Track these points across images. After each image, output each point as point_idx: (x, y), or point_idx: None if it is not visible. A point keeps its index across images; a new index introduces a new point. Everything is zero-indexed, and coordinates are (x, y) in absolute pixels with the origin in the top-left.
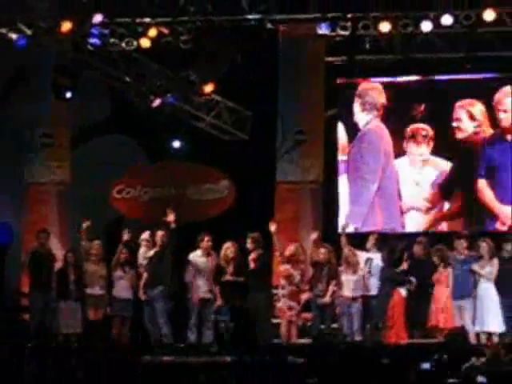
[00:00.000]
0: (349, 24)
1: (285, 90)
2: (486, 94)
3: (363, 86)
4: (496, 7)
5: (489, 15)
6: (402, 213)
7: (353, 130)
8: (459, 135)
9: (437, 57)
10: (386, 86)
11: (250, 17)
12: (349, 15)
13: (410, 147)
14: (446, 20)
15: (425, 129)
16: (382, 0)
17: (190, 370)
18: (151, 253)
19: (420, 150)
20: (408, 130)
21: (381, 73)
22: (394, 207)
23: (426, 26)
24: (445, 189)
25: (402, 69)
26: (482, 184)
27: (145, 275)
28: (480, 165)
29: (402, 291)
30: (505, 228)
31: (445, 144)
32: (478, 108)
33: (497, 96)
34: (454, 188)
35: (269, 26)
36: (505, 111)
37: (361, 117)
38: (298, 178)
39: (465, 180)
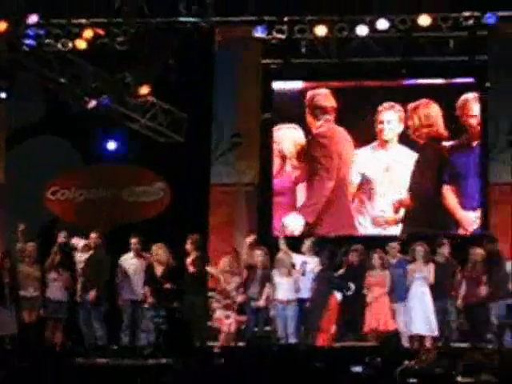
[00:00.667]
0: (285, 27)
1: (221, 92)
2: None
3: (312, 92)
4: (431, 12)
5: (424, 20)
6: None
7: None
8: (413, 136)
9: (372, 61)
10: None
11: (186, 19)
12: (285, 18)
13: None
14: (382, 24)
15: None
16: (318, 4)
17: (123, 372)
18: (86, 255)
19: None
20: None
21: (317, 76)
22: (345, 210)
23: (362, 30)
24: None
25: (337, 73)
26: (446, 190)
27: (80, 278)
28: (444, 170)
29: (338, 295)
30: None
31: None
32: (434, 110)
33: (460, 101)
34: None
35: (205, 28)
36: (471, 117)
37: (313, 122)
38: (234, 180)
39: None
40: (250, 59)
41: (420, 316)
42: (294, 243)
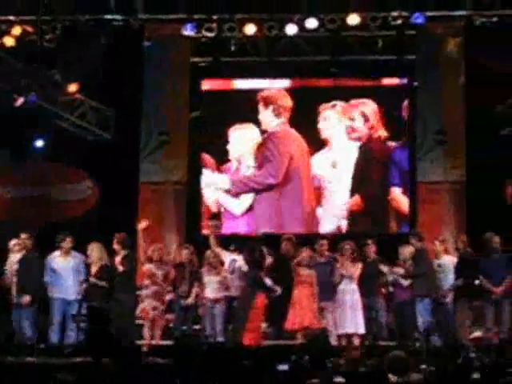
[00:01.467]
0: (214, 25)
1: (150, 90)
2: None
3: (265, 92)
4: (360, 12)
5: (353, 19)
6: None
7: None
8: (353, 135)
9: (301, 60)
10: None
11: (115, 16)
12: (214, 17)
13: None
14: (311, 23)
15: None
16: (247, 2)
17: (49, 370)
18: (18, 256)
19: None
20: None
21: (246, 75)
22: (298, 209)
23: (291, 29)
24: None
25: (267, 71)
26: (397, 192)
27: (14, 279)
28: (391, 172)
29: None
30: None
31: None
32: (370, 108)
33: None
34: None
35: (135, 26)
36: None
37: (267, 123)
38: (162, 178)
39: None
40: (180, 57)
41: (347, 314)
42: (224, 241)
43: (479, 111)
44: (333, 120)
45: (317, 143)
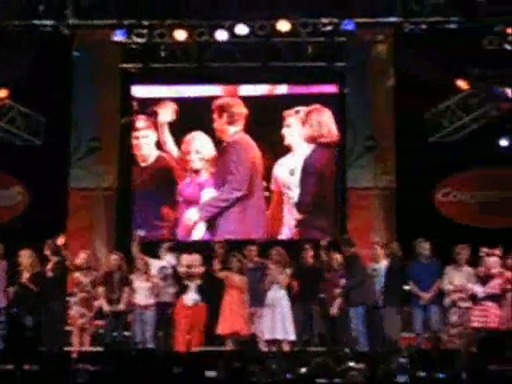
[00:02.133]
0: (145, 31)
1: (80, 96)
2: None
3: (220, 101)
4: (291, 18)
5: (283, 26)
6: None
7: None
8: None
9: (232, 66)
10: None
11: (45, 22)
12: (145, 22)
13: None
14: (241, 29)
15: None
16: (177, 8)
17: None
18: None
19: None
20: None
21: (176, 81)
22: (260, 216)
23: (221, 35)
24: None
25: (197, 77)
26: None
27: None
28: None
29: (189, 300)
30: None
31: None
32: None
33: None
34: None
35: (64, 31)
36: None
37: (224, 129)
38: (92, 184)
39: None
40: (109, 63)
41: (277, 320)
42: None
43: (409, 118)
44: (295, 126)
45: (279, 149)
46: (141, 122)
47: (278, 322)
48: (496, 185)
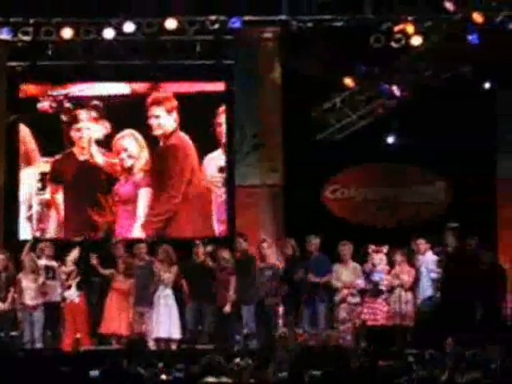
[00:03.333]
0: (31, 29)
1: None
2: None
3: (155, 94)
4: (178, 16)
5: (170, 24)
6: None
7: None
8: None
9: (120, 64)
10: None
11: None
12: (31, 20)
13: None
14: (128, 27)
15: None
16: (63, 6)
17: None
18: None
19: None
20: None
21: (63, 79)
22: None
23: (109, 33)
24: None
25: (83, 75)
26: None
27: None
28: None
29: (68, 298)
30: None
31: None
32: None
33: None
34: None
35: None
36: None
37: (161, 126)
38: None
39: None
40: None
41: (164, 319)
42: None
43: (296, 115)
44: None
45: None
46: (82, 114)
47: (163, 321)
48: (383, 181)
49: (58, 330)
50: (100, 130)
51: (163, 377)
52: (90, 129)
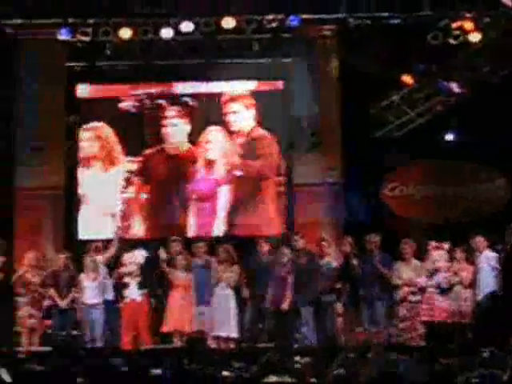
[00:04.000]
0: (89, 30)
1: (24, 95)
2: None
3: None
4: (236, 15)
5: (228, 23)
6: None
7: None
8: None
9: (178, 63)
10: None
11: None
12: (90, 21)
13: None
14: (186, 27)
15: None
16: (122, 6)
17: None
18: None
19: None
20: None
21: (122, 79)
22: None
23: (167, 33)
24: None
25: (142, 75)
26: None
27: None
28: None
29: (129, 297)
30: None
31: None
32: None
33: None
34: None
35: (8, 30)
36: None
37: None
38: (38, 184)
39: None
40: (55, 62)
41: (223, 318)
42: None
43: (354, 113)
44: None
45: None
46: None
47: (222, 320)
48: (442, 179)
49: (118, 329)
50: (186, 126)
51: (224, 375)
52: (177, 125)
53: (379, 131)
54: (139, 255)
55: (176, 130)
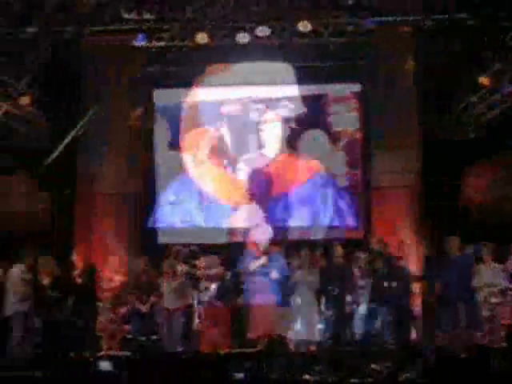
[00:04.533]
0: (166, 35)
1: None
2: None
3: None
4: (312, 19)
5: (304, 26)
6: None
7: None
8: None
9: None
10: None
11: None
12: (166, 26)
13: None
14: (262, 31)
15: None
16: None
17: None
18: None
19: None
20: None
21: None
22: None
23: (243, 38)
24: None
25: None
26: None
27: None
28: None
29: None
30: None
31: None
32: None
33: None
34: None
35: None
36: None
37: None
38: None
39: None
40: (130, 67)
41: (303, 322)
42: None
43: (432, 114)
44: None
45: None
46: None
47: (303, 323)
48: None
49: (197, 333)
50: (286, 129)
51: (305, 378)
52: (277, 128)
53: (457, 132)
54: (218, 259)
55: (276, 132)
